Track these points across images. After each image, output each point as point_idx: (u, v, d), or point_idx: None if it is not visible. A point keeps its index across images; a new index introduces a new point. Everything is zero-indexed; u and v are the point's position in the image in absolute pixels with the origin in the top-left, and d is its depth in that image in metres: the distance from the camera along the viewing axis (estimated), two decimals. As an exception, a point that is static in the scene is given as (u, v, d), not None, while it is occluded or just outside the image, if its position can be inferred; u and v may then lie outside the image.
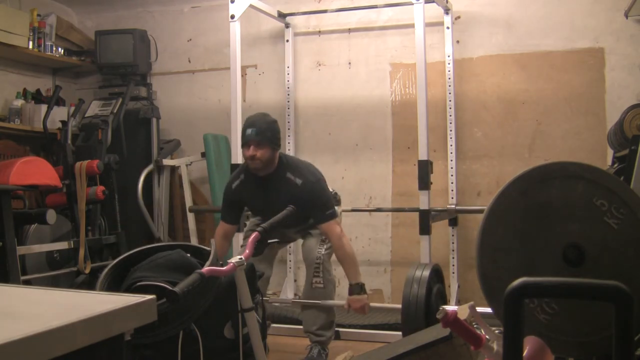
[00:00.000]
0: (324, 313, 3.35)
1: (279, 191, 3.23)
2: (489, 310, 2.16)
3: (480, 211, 2.97)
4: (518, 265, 2.07)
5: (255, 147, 3.15)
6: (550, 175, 2.11)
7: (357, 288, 3.20)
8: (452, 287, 4.36)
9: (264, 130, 3.17)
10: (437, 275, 3.33)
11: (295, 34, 4.91)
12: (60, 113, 4.79)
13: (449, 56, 4.44)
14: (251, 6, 4.17)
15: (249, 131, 3.18)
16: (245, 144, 3.20)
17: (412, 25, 3.92)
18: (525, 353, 1.57)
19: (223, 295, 2.24)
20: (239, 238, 3.73)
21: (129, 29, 5.12)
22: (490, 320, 1.81)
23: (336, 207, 3.40)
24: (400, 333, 3.62)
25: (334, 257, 3.35)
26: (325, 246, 3.33)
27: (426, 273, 3.20)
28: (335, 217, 3.26)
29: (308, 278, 3.35)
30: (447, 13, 4.42)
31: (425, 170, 3.75)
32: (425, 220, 3.75)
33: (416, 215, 3.85)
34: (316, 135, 4.89)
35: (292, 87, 4.87)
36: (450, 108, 4.43)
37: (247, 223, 3.65)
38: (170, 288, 1.87)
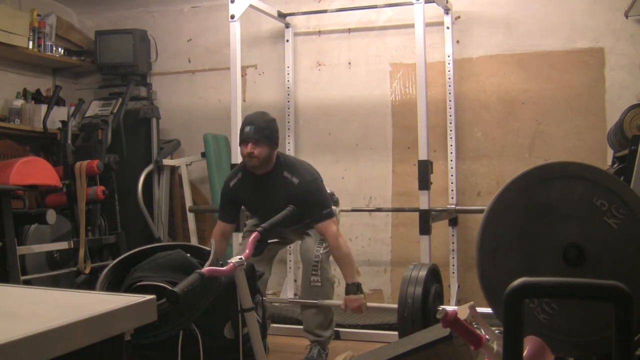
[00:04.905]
0: (322, 313, 3.36)
1: (276, 190, 3.23)
2: (488, 310, 2.16)
3: (480, 211, 2.96)
4: (518, 265, 2.08)
5: (253, 145, 3.14)
6: (551, 175, 2.11)
7: (353, 288, 3.21)
8: (452, 287, 4.36)
9: (262, 129, 3.17)
10: (435, 275, 3.27)
11: (295, 34, 4.91)
12: (60, 113, 4.79)
13: (449, 56, 4.44)
14: (251, 6, 4.17)
15: (247, 129, 3.18)
16: (243, 141, 3.19)
17: (412, 25, 3.93)
18: (525, 353, 1.57)
19: (223, 295, 2.24)
20: (238, 237, 3.73)
21: (129, 29, 5.12)
22: (490, 320, 1.81)
23: (334, 208, 3.40)
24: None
25: (332, 258, 3.35)
26: (323, 245, 3.33)
27: (423, 273, 3.10)
28: (332, 217, 3.25)
29: (306, 277, 3.35)
30: (447, 13, 4.42)
31: (425, 170, 3.76)
32: (425, 220, 3.76)
33: (416, 215, 3.85)
34: (316, 135, 4.89)
35: (292, 87, 4.86)
36: (450, 108, 4.43)
37: (247, 223, 3.65)
38: (170, 288, 1.87)
